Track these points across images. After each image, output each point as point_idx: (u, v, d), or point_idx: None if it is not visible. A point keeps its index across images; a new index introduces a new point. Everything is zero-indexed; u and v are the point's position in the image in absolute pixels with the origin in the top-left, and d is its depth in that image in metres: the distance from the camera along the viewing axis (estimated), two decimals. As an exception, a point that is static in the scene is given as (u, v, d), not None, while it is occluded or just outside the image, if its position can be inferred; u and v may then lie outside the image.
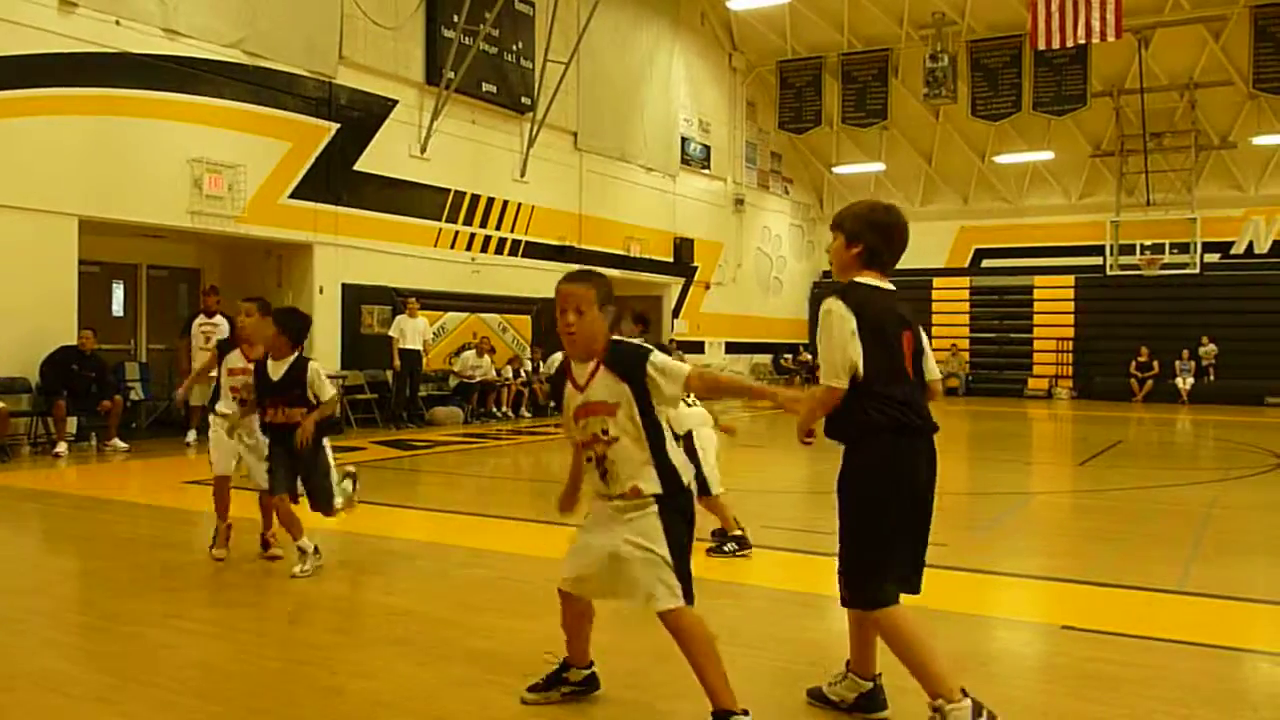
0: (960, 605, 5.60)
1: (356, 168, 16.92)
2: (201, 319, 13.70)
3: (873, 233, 3.85)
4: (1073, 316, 28.52)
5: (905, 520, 3.78)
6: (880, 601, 3.72)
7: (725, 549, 6.92)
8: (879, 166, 29.94)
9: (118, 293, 16.09)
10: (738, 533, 6.97)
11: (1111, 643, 4.90)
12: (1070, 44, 21.90)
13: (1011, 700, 4.30)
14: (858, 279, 3.86)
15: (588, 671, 4.21)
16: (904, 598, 3.79)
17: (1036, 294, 29.06)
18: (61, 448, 12.32)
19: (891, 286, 3.90)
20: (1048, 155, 28.00)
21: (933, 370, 4.02)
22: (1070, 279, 28.74)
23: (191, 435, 13.46)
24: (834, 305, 3.76)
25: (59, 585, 6.06)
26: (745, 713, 3.70)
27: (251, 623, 5.36)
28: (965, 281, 29.92)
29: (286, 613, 5.06)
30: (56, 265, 12.73)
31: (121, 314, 16.09)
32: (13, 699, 4.25)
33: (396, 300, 17.27)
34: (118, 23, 13.33)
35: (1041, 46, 22.19)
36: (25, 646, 5.00)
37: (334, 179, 16.48)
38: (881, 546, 3.76)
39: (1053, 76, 24.75)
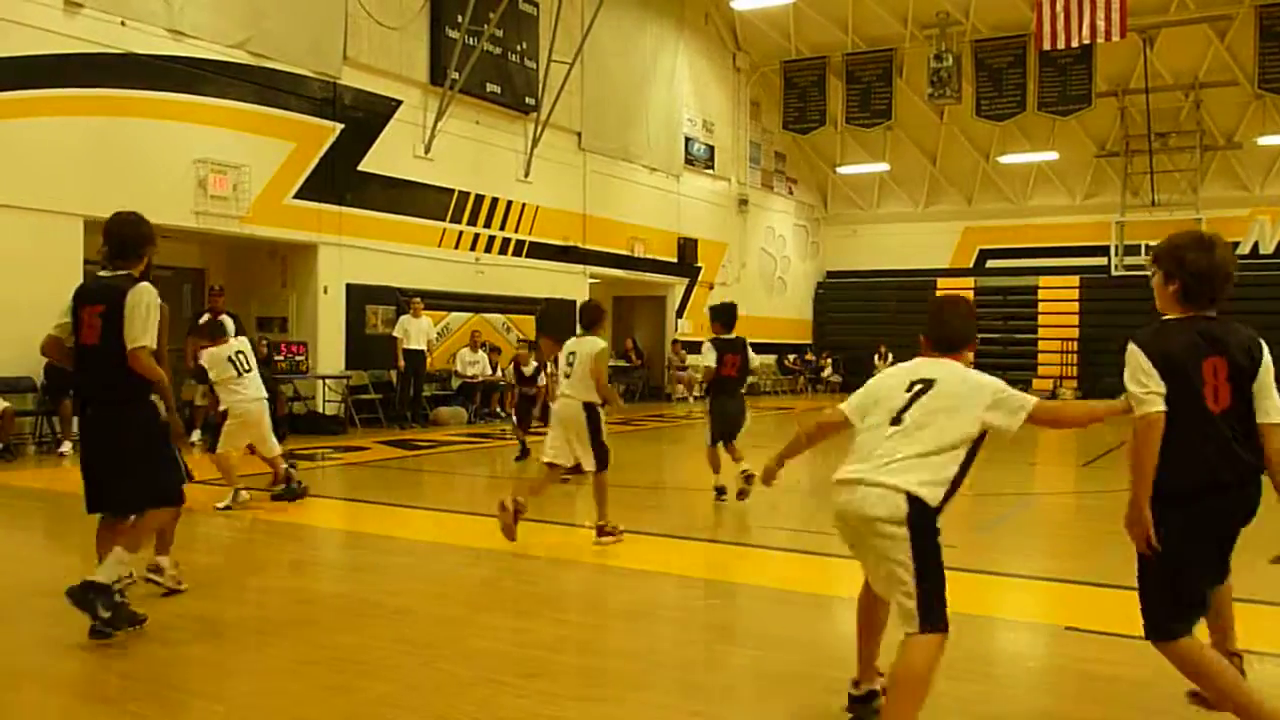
0: (963, 606, 5.57)
1: (361, 168, 16.94)
2: (207, 318, 13.70)
3: (1187, 269, 3.63)
4: (1077, 317, 28.49)
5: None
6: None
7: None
8: (883, 167, 29.92)
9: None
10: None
11: (1115, 644, 4.90)
12: (1075, 44, 21.84)
13: (1014, 701, 4.30)
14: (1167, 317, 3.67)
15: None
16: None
17: (1041, 294, 29.04)
18: (66, 447, 12.33)
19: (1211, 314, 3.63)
20: (1052, 155, 27.96)
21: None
22: (1075, 279, 28.72)
23: (195, 435, 13.48)
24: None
25: (63, 584, 6.05)
26: None
27: (256, 622, 5.37)
28: (970, 282, 29.87)
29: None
30: (62, 265, 12.73)
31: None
32: (19, 698, 4.26)
33: (401, 300, 17.28)
34: (123, 23, 13.36)
35: (1046, 46, 22.13)
36: (30, 646, 5.02)
37: (338, 179, 16.49)
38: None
39: (1057, 76, 24.70)
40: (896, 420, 3.68)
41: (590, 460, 7.39)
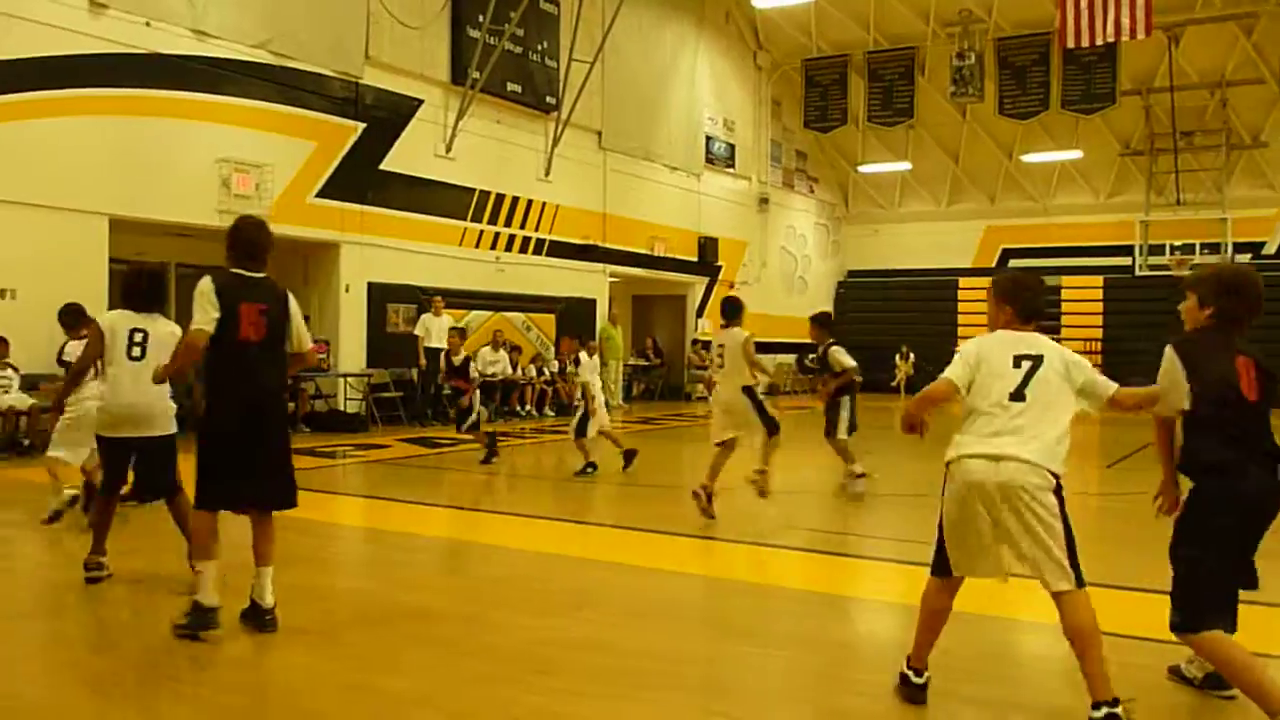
0: (983, 608, 5.56)
1: (382, 167, 17.00)
2: None
3: (1225, 297, 4.01)
4: (1101, 317, 28.29)
5: None
6: None
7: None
8: (905, 165, 29.80)
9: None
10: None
11: (1137, 647, 4.86)
12: (1099, 42, 21.69)
13: (1035, 703, 4.28)
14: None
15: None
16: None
17: (1064, 294, 28.82)
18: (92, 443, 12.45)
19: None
20: (1076, 154, 27.78)
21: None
22: (1098, 279, 28.52)
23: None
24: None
25: (76, 580, 6.11)
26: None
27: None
28: (987, 281, 29.68)
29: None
30: (88, 264, 12.84)
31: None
32: (47, 694, 4.30)
33: (422, 299, 17.34)
34: (148, 24, 13.45)
35: (1070, 44, 21.99)
36: (59, 641, 5.07)
37: (360, 178, 16.56)
38: None
39: (1081, 74, 24.53)
40: (1019, 396, 3.92)
41: (761, 430, 8.41)
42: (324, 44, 15.78)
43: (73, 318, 8.25)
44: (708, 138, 25.74)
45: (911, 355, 28.27)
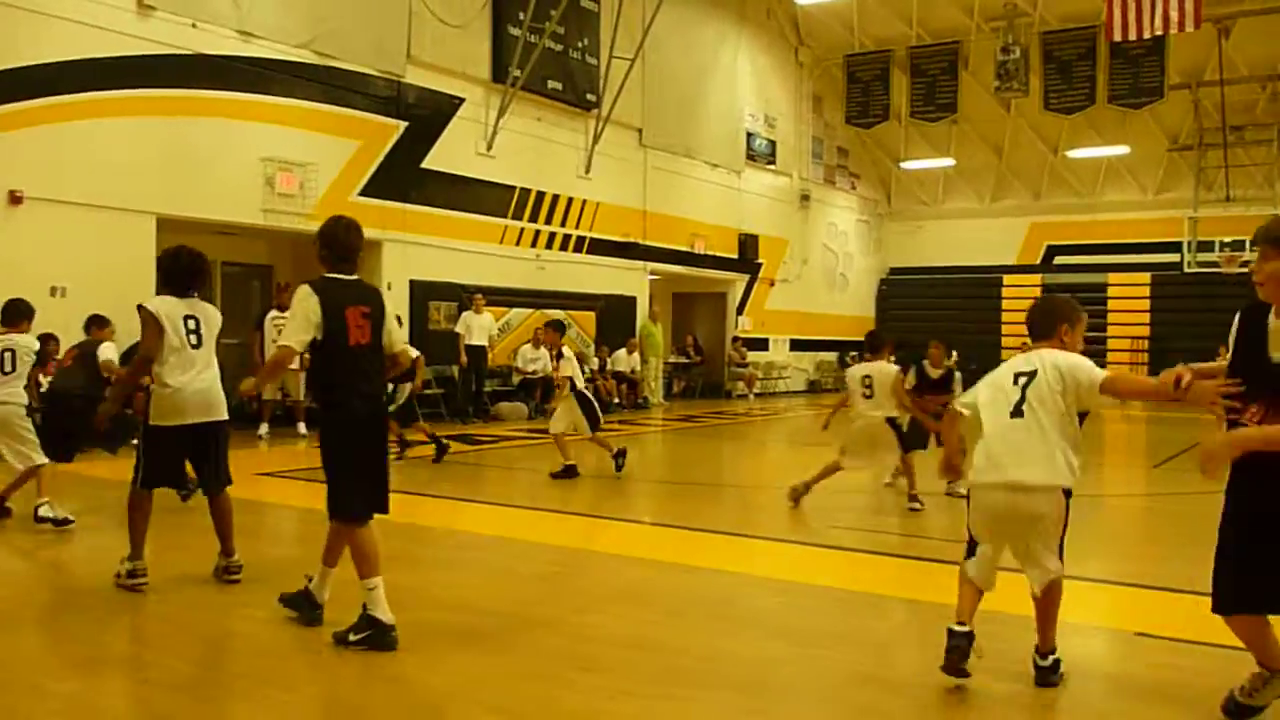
0: (1031, 609, 5.50)
1: (424, 165, 17.10)
2: (274, 314, 13.98)
3: None
4: (1148, 315, 27.87)
5: None
6: None
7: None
8: (948, 161, 29.53)
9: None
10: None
11: (1186, 651, 4.79)
12: (1147, 35, 21.35)
13: (1083, 707, 4.22)
14: None
15: None
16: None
17: (1111, 292, 28.45)
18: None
19: None
20: (1123, 150, 27.36)
21: None
22: (1146, 277, 28.10)
23: (264, 429, 13.72)
24: None
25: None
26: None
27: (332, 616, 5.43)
28: (1037, 279, 29.36)
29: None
30: (135, 262, 13.01)
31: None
32: (98, 684, 4.37)
33: (463, 296, 17.43)
34: (193, 25, 13.62)
35: (1117, 38, 21.66)
36: (110, 632, 5.14)
37: (402, 177, 16.67)
38: None
39: (1128, 68, 24.15)
40: (1018, 413, 4.16)
41: (897, 456, 9.09)
42: (367, 43, 15.90)
43: (92, 320, 8.96)
44: (748, 134, 25.65)
45: (954, 354, 27.95)
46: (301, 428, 13.98)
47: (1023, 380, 4.19)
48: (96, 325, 8.92)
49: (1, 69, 11.81)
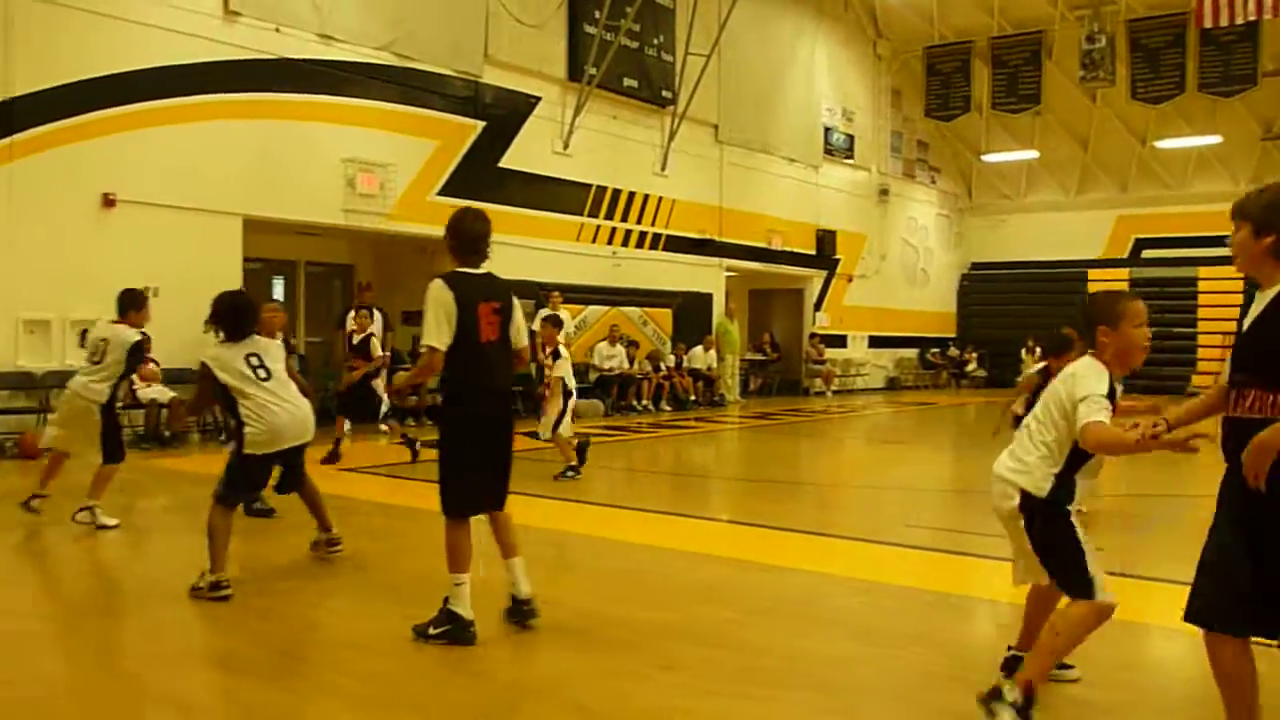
0: (1117, 612, 5.37)
1: (501, 164, 17.25)
2: (356, 312, 14.20)
3: None
4: (1241, 310, 27.01)
5: None
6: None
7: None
8: (1032, 154, 28.94)
9: (278, 287, 16.81)
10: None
11: (1267, 655, 4.62)
12: (1239, 21, 20.73)
13: (1169, 712, 4.11)
14: None
15: None
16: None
17: (1201, 286, 27.60)
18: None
19: None
20: (1214, 139, 26.54)
21: None
22: (1239, 270, 27.24)
23: (346, 425, 13.94)
24: None
25: (227, 567, 6.35)
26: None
27: (399, 606, 5.51)
28: (1124, 273, 28.63)
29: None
30: (223, 262, 13.35)
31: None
32: (186, 675, 4.48)
33: (539, 294, 17.53)
34: (277, 30, 13.91)
35: (1208, 24, 21.07)
36: (198, 625, 5.28)
37: (480, 176, 16.83)
38: None
39: (1219, 55, 23.43)
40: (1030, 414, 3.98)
41: None
42: (445, 44, 16.09)
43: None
44: (826, 129, 25.43)
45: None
46: (382, 426, 14.18)
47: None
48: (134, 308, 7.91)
49: (94, 77, 12.19)
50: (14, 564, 6.66)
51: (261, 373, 5.82)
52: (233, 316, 5.94)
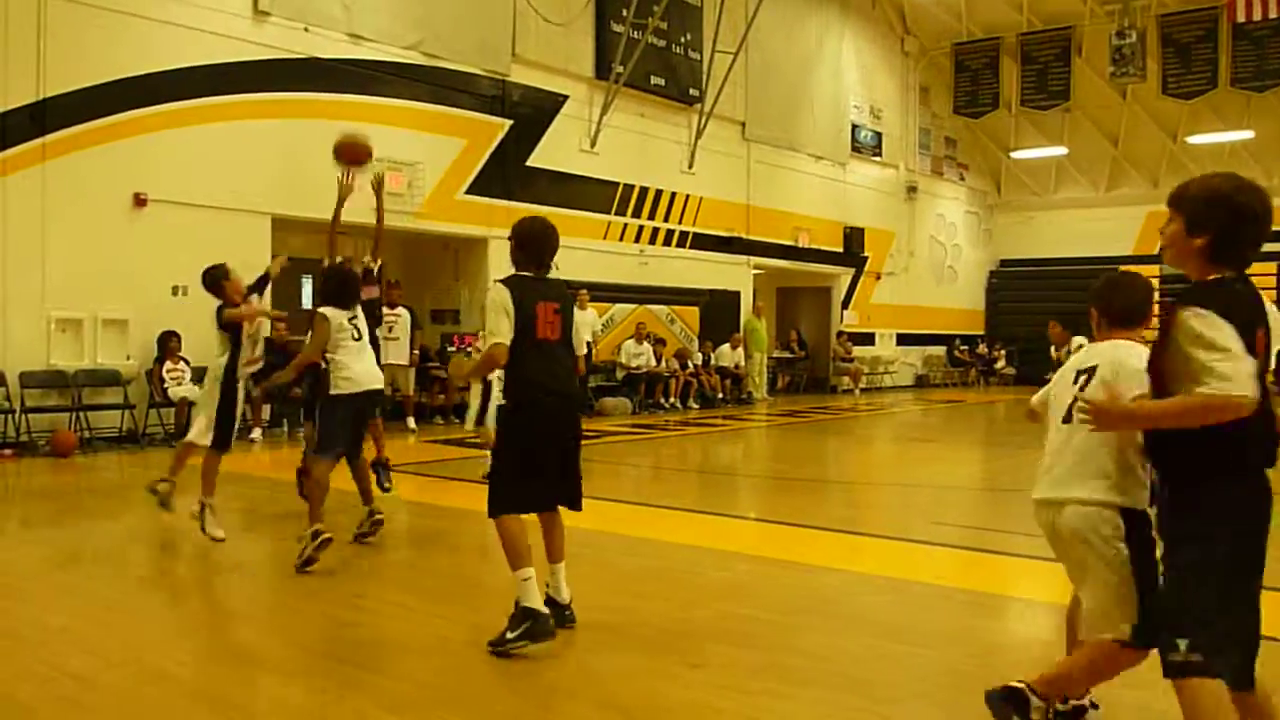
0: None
1: (529, 163, 17.28)
2: (384, 310, 14.27)
3: (1228, 216, 3.03)
4: (1276, 307, 26.64)
5: None
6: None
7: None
8: (1061, 150, 28.71)
9: (306, 286, 16.89)
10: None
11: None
12: (1273, 15, 20.50)
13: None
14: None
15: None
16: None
17: (1234, 282, 27.28)
18: (256, 433, 13.08)
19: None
20: (1247, 134, 26.20)
21: None
22: (1273, 266, 26.82)
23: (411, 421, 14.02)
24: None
25: (253, 563, 6.41)
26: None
27: (428, 604, 5.53)
28: (1155, 270, 28.14)
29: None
30: (251, 261, 13.35)
31: (310, 306, 16.90)
32: (217, 670, 4.52)
33: (573, 292, 17.55)
34: (306, 29, 13.99)
35: (1240, 19, 20.85)
36: (225, 620, 5.31)
37: (507, 174, 16.87)
38: None
39: (1253, 50, 23.15)
40: (1068, 418, 3.42)
41: None
42: (472, 43, 16.13)
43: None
44: (853, 126, 25.32)
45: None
46: (410, 422, 14.27)
47: (1083, 380, 3.43)
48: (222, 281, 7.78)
49: (124, 77, 12.30)
50: (45, 551, 6.72)
51: (355, 334, 6.67)
52: (340, 287, 6.83)
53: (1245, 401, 2.78)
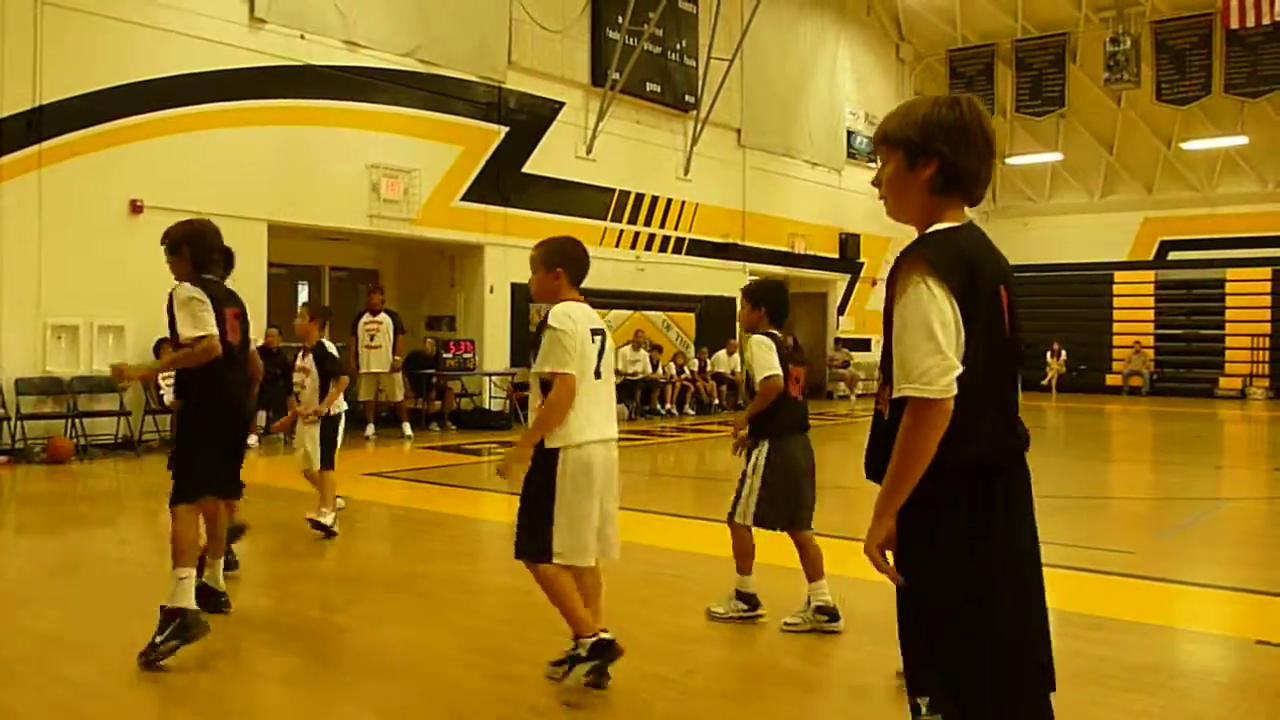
0: (1145, 616, 5.33)
1: (525, 170, 17.31)
2: (367, 317, 14.34)
3: (944, 140, 2.47)
4: (1269, 311, 26.74)
5: None
6: None
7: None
8: (1056, 156, 28.77)
9: (302, 293, 16.90)
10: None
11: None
12: (1266, 21, 20.57)
13: (1196, 716, 4.07)
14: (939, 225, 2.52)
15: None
16: None
17: (1228, 288, 27.37)
18: (252, 440, 13.06)
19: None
20: (1241, 140, 26.28)
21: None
22: (1266, 271, 26.97)
23: (370, 430, 14.04)
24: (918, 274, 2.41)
25: (249, 570, 6.40)
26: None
27: (423, 614, 5.54)
28: (1150, 275, 28.43)
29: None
30: (247, 268, 13.28)
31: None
32: (214, 677, 4.52)
33: (562, 299, 17.58)
34: (302, 37, 14.01)
35: (1234, 25, 20.93)
36: (221, 628, 5.31)
37: (503, 181, 16.90)
38: None
39: (1246, 56, 23.24)
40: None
41: None
42: (468, 50, 16.16)
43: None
44: (849, 132, 25.38)
45: (1063, 353, 27.32)
46: (406, 428, 14.28)
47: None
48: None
49: (122, 84, 12.31)
50: (41, 558, 6.72)
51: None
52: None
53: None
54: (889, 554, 2.50)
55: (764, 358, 5.27)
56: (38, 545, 7.49)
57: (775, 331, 5.43)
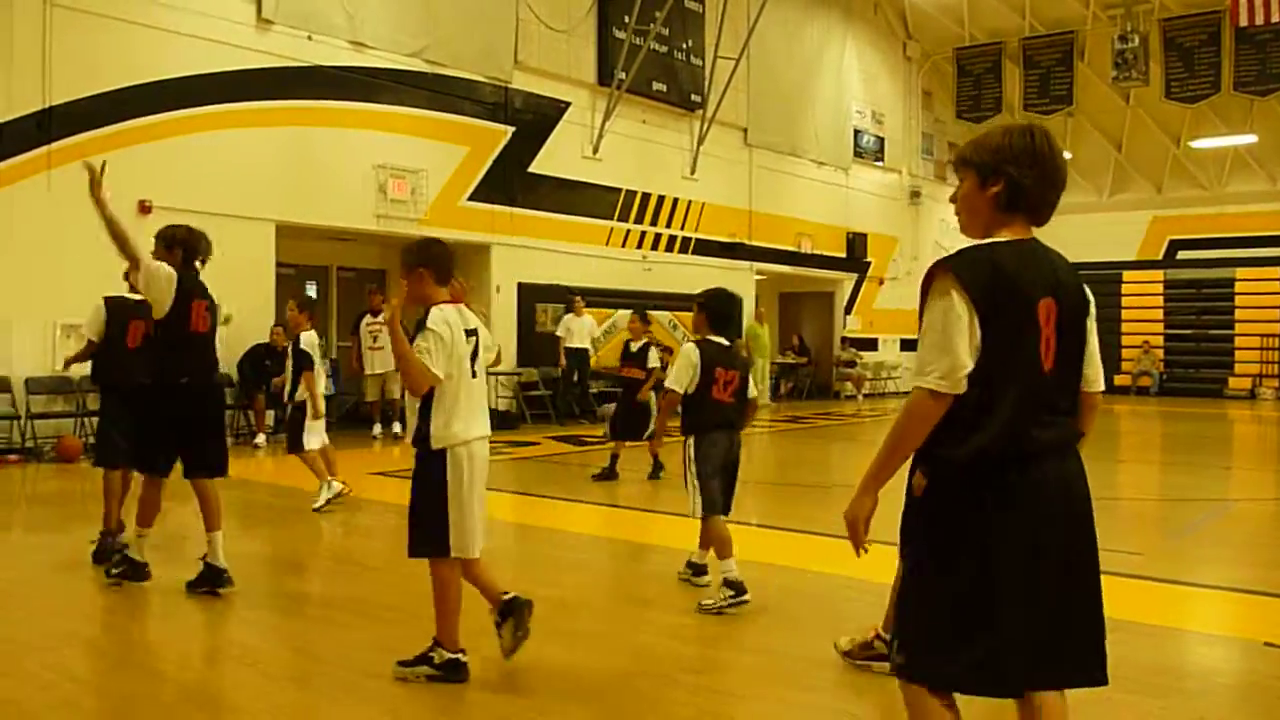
0: (1153, 617, 5.32)
1: (531, 169, 17.32)
2: (368, 318, 14.34)
3: (1013, 163, 2.79)
4: (1279, 311, 26.67)
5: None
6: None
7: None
8: (1064, 155, 28.62)
9: (310, 293, 16.92)
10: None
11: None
12: (1275, 19, 20.47)
13: (1208, 719, 4.06)
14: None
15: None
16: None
17: (1238, 287, 27.28)
18: (260, 439, 13.10)
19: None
20: (1251, 139, 26.20)
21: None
22: (1276, 271, 26.87)
23: (377, 429, 14.06)
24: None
25: (256, 568, 6.42)
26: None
27: (413, 608, 5.54)
28: (1159, 275, 28.35)
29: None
30: (257, 268, 13.49)
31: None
32: (215, 673, 4.54)
33: (570, 298, 17.59)
34: (309, 38, 14.03)
35: (1244, 23, 20.82)
36: (225, 625, 5.33)
37: (510, 181, 16.91)
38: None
39: (1256, 54, 23.12)
40: None
41: None
42: (475, 51, 16.17)
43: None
44: (856, 131, 25.34)
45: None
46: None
47: None
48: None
49: (130, 85, 12.35)
50: (49, 555, 6.74)
51: None
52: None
53: None
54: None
55: (676, 369, 5.62)
56: (46, 542, 7.52)
57: (714, 337, 5.67)
